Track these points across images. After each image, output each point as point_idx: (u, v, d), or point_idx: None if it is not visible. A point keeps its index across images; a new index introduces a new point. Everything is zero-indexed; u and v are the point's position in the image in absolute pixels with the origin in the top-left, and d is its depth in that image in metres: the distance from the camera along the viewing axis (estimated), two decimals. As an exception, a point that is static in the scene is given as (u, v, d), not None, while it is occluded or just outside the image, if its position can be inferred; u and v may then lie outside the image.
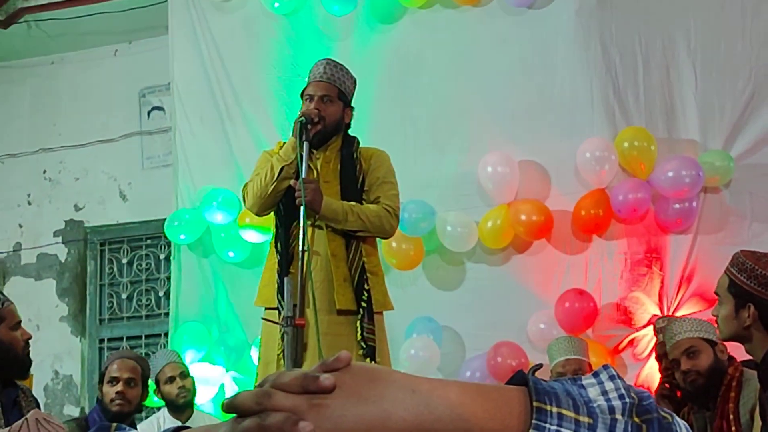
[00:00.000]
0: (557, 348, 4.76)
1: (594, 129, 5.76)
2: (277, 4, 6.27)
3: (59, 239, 7.53)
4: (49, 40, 7.48)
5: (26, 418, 2.42)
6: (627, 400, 0.80)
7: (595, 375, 0.83)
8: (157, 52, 7.08)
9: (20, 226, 7.65)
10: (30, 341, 3.51)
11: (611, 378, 0.83)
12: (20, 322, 3.49)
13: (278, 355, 3.84)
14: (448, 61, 6.08)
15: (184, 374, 5.16)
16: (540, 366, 0.89)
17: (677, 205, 5.54)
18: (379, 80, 6.10)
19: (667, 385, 4.50)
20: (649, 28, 5.85)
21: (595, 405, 0.80)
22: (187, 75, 6.55)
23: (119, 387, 4.39)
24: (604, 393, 0.81)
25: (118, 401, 4.39)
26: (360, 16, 6.23)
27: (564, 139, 5.77)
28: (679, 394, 4.33)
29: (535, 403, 0.79)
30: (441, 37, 6.13)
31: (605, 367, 0.84)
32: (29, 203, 7.67)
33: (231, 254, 6.15)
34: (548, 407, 0.78)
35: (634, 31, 5.86)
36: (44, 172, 7.66)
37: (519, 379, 0.83)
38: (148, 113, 7.49)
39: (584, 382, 0.83)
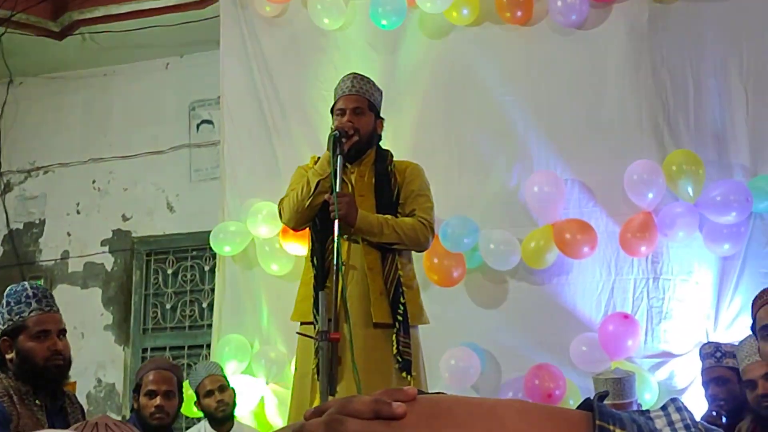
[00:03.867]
0: (604, 388, 4.63)
1: (642, 151, 5.69)
2: (326, 20, 6.31)
3: (106, 249, 7.61)
4: (103, 52, 7.59)
5: (96, 422, 2.41)
6: (693, 430, 0.80)
7: (663, 408, 0.84)
8: (207, 67, 7.16)
9: (68, 234, 7.75)
10: (60, 352, 3.45)
11: (678, 410, 0.83)
12: (49, 331, 3.44)
13: (313, 369, 3.83)
14: (496, 79, 6.06)
15: (224, 387, 5.16)
16: (606, 393, 0.88)
17: (725, 230, 5.46)
18: (426, 95, 6.11)
19: (714, 413, 4.41)
20: (700, 51, 5.79)
21: None
22: (236, 89, 6.60)
23: (158, 401, 4.41)
24: (671, 424, 0.81)
25: (157, 415, 4.41)
26: (408, 31, 6.24)
27: (612, 160, 5.72)
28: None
29: (598, 422, 0.78)
30: (489, 54, 6.11)
31: (673, 399, 0.85)
32: (78, 212, 7.77)
33: (274, 267, 6.16)
34: (611, 427, 0.78)
35: (686, 54, 5.80)
36: (93, 182, 7.76)
37: (585, 405, 0.83)
38: (197, 126, 7.56)
39: (652, 414, 0.83)
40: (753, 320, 3.17)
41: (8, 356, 3.40)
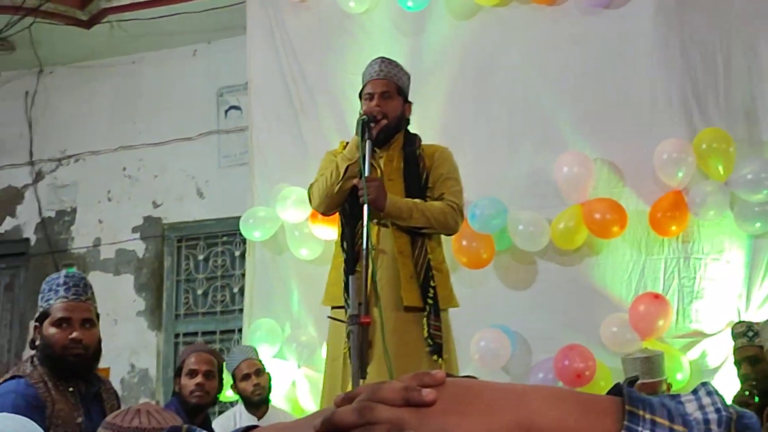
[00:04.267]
0: (633, 368, 4.63)
1: (672, 130, 5.65)
2: (352, 3, 6.31)
3: (137, 235, 7.67)
4: (131, 40, 7.63)
5: (138, 408, 2.43)
6: (724, 413, 0.80)
7: (694, 392, 0.84)
8: (235, 52, 7.18)
9: (100, 221, 7.81)
10: (80, 341, 3.42)
11: (709, 393, 0.83)
12: (70, 318, 3.41)
13: (344, 353, 3.85)
14: (523, 59, 6.04)
15: (260, 371, 5.21)
16: (636, 378, 0.89)
17: (757, 208, 5.42)
18: (453, 77, 6.10)
19: (746, 392, 4.40)
20: (730, 29, 5.73)
21: (691, 417, 0.80)
22: (264, 74, 6.62)
23: (199, 379, 4.48)
24: (701, 407, 0.81)
25: (197, 393, 4.47)
26: (434, 12, 6.23)
27: (641, 139, 5.69)
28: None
29: (627, 407, 0.79)
30: (516, 34, 6.09)
31: (704, 384, 0.85)
32: (109, 200, 7.82)
33: (304, 252, 6.18)
34: (641, 412, 0.79)
35: (715, 32, 5.75)
36: (124, 169, 7.81)
37: (615, 391, 0.84)
38: (226, 112, 7.59)
39: (683, 398, 0.83)
40: None
41: (37, 342, 3.44)
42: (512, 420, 0.79)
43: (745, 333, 4.61)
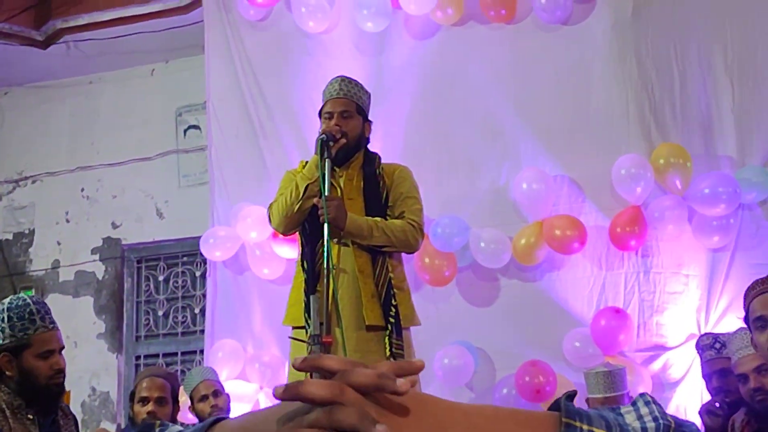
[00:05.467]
0: (596, 383, 4.64)
1: (630, 145, 5.70)
2: (311, 23, 6.30)
3: (97, 257, 7.60)
4: (88, 60, 7.58)
5: None
6: (662, 422, 0.81)
7: (633, 404, 0.86)
8: (193, 72, 7.16)
9: (58, 243, 7.73)
10: (62, 370, 3.46)
11: (646, 403, 0.85)
12: (53, 350, 3.43)
13: (306, 373, 3.82)
14: (483, 78, 6.06)
15: (218, 393, 5.16)
16: (575, 393, 0.90)
17: (715, 222, 5.48)
18: (413, 96, 6.11)
19: (716, 404, 4.39)
20: (685, 41, 5.79)
21: (629, 428, 0.82)
22: (222, 93, 6.58)
23: (150, 407, 4.41)
24: (640, 417, 0.83)
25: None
26: (393, 32, 6.24)
27: (599, 155, 5.72)
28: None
29: (564, 419, 0.81)
30: (475, 53, 6.11)
31: (641, 395, 0.87)
32: (67, 221, 7.75)
33: (266, 271, 6.15)
34: (578, 424, 0.80)
35: (670, 46, 5.80)
36: (82, 190, 7.74)
37: (555, 406, 0.85)
38: (185, 132, 7.56)
39: (622, 410, 0.85)
40: (746, 312, 3.18)
41: (9, 373, 3.38)
42: None
43: (712, 345, 4.62)
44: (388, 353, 3.86)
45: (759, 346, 3.14)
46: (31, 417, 3.37)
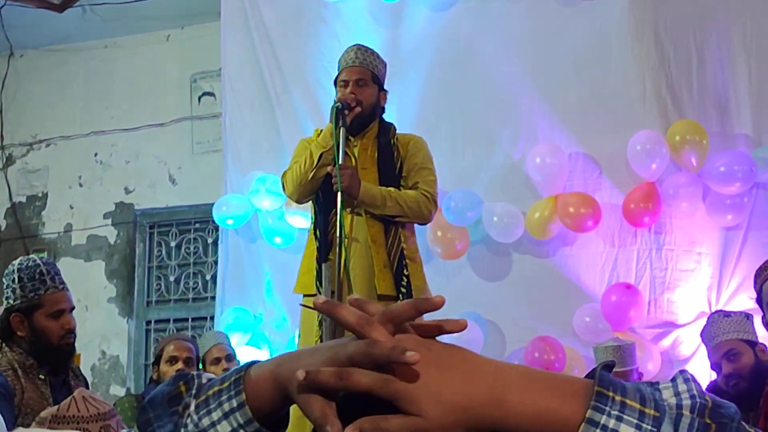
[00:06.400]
0: (604, 357, 4.63)
1: (646, 122, 5.67)
2: (328, -9, 6.27)
3: (109, 221, 7.62)
4: (103, 24, 7.55)
5: (73, 396, 2.49)
6: (698, 400, 0.82)
7: (672, 380, 0.86)
8: (208, 38, 7.14)
9: (71, 207, 7.75)
10: (73, 330, 3.51)
11: (685, 381, 0.85)
12: (64, 310, 3.48)
13: (316, 341, 3.84)
14: (499, 51, 6.03)
15: (231, 357, 5.19)
16: (613, 363, 0.91)
17: (728, 200, 5.46)
18: (430, 68, 6.09)
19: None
20: (703, 21, 5.75)
21: (664, 402, 0.82)
22: (237, 61, 6.57)
23: (179, 365, 4.51)
24: (677, 394, 0.84)
25: None
26: (411, 3, 6.21)
27: (615, 131, 5.70)
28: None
29: (596, 388, 0.82)
30: (493, 26, 6.08)
31: (681, 371, 0.87)
32: (80, 185, 7.76)
33: (278, 239, 6.17)
34: (611, 393, 0.81)
35: (689, 24, 5.76)
36: (96, 154, 7.75)
37: (592, 374, 0.87)
38: (199, 98, 7.54)
39: (660, 385, 0.85)
40: (758, 293, 3.17)
41: (20, 333, 3.41)
42: (487, 390, 0.83)
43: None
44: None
45: None
46: (42, 377, 3.40)
